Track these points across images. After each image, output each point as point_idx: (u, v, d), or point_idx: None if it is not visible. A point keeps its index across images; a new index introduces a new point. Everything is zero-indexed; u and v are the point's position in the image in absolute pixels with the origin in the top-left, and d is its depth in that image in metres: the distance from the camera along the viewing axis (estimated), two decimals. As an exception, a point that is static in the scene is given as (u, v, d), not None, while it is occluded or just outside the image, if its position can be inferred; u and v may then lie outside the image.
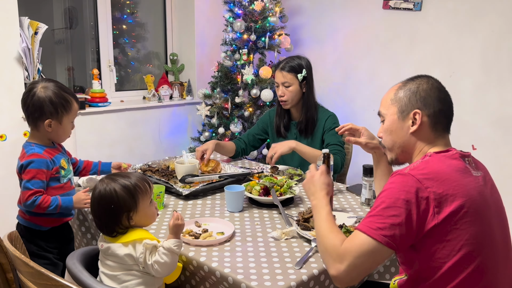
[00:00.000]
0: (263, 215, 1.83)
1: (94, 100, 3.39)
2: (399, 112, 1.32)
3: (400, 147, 1.35)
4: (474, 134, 3.02)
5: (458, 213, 1.14)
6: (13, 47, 2.82)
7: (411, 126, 1.30)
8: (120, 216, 1.42)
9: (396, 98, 1.34)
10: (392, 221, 1.14)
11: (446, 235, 1.15)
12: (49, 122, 1.73)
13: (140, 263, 1.39)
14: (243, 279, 1.32)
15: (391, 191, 1.17)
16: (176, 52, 4.06)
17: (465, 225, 1.15)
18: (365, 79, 3.57)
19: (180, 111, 3.93)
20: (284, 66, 2.43)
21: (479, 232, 1.17)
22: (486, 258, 1.18)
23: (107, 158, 3.43)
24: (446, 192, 1.15)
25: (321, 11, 3.80)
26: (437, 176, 1.16)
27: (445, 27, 3.09)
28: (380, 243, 1.14)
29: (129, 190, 1.42)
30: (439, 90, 1.31)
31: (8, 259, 1.40)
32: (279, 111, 2.56)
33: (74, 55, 3.68)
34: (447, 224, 1.14)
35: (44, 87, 1.73)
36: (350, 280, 1.19)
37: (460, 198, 1.15)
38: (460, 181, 1.18)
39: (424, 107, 1.29)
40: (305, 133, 2.49)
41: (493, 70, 2.92)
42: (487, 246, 1.19)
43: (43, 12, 3.49)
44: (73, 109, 1.78)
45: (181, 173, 2.12)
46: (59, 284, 1.17)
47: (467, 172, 1.23)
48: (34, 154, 1.71)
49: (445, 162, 1.22)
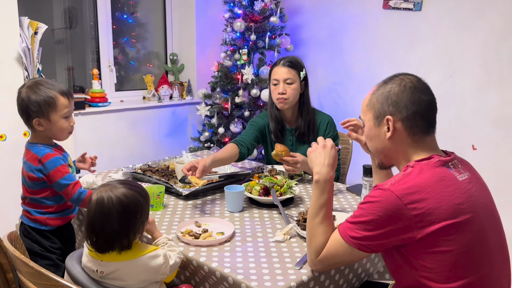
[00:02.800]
0: (263, 215, 1.83)
1: (94, 100, 3.39)
2: (374, 118, 1.30)
3: (382, 152, 1.33)
4: (474, 134, 3.02)
5: (444, 227, 1.12)
6: (13, 47, 2.81)
7: (386, 132, 1.27)
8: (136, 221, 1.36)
9: (370, 104, 1.31)
10: (369, 234, 1.18)
11: (433, 246, 1.13)
12: (37, 121, 1.72)
13: (165, 272, 1.38)
14: (243, 279, 1.32)
15: (370, 206, 1.18)
16: (176, 52, 4.06)
17: (454, 235, 1.13)
18: (365, 79, 3.57)
19: (180, 111, 3.93)
20: (287, 62, 2.29)
21: (470, 240, 1.14)
22: (480, 265, 1.16)
23: (107, 158, 3.44)
24: (429, 206, 1.12)
25: (321, 11, 3.80)
26: (418, 190, 1.14)
27: (445, 27, 3.09)
28: (356, 249, 1.22)
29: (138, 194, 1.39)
30: (413, 90, 1.24)
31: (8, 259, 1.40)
32: (273, 114, 2.36)
33: (74, 55, 3.68)
34: (432, 237, 1.12)
35: (28, 87, 1.72)
36: (322, 270, 1.36)
37: (445, 211, 1.12)
38: (443, 193, 1.14)
39: (396, 112, 1.24)
40: (304, 139, 2.34)
41: (493, 70, 2.92)
42: (480, 253, 1.16)
43: (43, 12, 3.49)
44: (60, 104, 1.72)
45: (181, 173, 2.12)
46: (59, 284, 1.17)
47: (451, 179, 1.18)
48: (49, 154, 1.72)
49: (427, 172, 1.18)
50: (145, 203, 1.39)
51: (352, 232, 1.21)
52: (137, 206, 1.35)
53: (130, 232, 1.34)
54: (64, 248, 1.85)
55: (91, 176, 2.13)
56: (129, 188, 1.37)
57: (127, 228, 1.33)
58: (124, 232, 1.33)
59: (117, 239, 1.32)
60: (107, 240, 1.32)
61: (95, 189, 1.39)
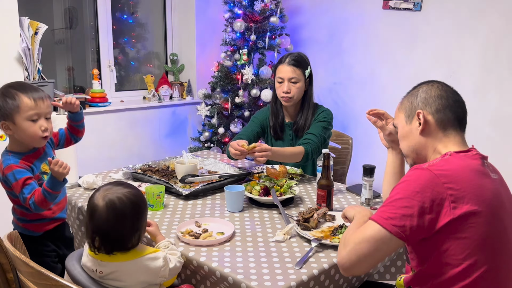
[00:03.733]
0: (263, 215, 1.83)
1: (94, 100, 3.39)
2: (406, 117, 1.38)
3: (414, 150, 1.37)
4: (474, 134, 3.00)
5: (474, 212, 1.14)
6: (13, 47, 2.81)
7: (418, 127, 1.33)
8: (145, 217, 1.39)
9: (402, 106, 1.40)
10: (404, 212, 1.14)
11: (461, 232, 1.14)
12: (4, 124, 1.62)
13: (164, 275, 1.37)
14: (243, 279, 1.32)
15: (406, 184, 1.19)
16: (176, 52, 4.07)
17: (480, 225, 1.15)
18: (365, 79, 3.57)
19: (180, 111, 3.93)
20: (291, 61, 2.28)
21: (494, 233, 1.17)
22: (501, 259, 1.18)
23: (107, 158, 3.44)
24: (464, 190, 1.15)
25: (321, 11, 3.80)
26: (455, 174, 1.17)
27: (445, 27, 3.09)
28: (390, 232, 1.14)
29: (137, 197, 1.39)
30: (440, 89, 1.34)
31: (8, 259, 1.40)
32: (274, 110, 2.42)
33: (74, 55, 3.68)
34: (462, 221, 1.14)
35: None
36: (350, 265, 1.19)
37: (477, 198, 1.15)
38: (478, 182, 1.18)
39: (425, 106, 1.32)
40: (301, 133, 2.37)
41: (493, 70, 2.92)
42: (501, 247, 1.19)
43: (43, 12, 3.49)
44: (23, 105, 1.60)
45: (181, 173, 2.12)
46: (59, 284, 1.17)
47: (485, 173, 1.23)
48: (11, 166, 1.62)
49: (465, 161, 1.23)
50: (145, 199, 1.44)
51: (385, 214, 1.16)
52: (144, 202, 1.40)
53: (142, 228, 1.38)
54: (59, 249, 1.82)
55: (91, 176, 2.14)
56: (130, 187, 1.39)
57: (139, 225, 1.37)
58: (137, 229, 1.36)
59: (131, 238, 1.34)
60: (121, 241, 1.33)
61: (94, 195, 1.35)
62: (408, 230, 1.14)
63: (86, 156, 3.27)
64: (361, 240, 1.17)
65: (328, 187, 1.83)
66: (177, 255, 1.44)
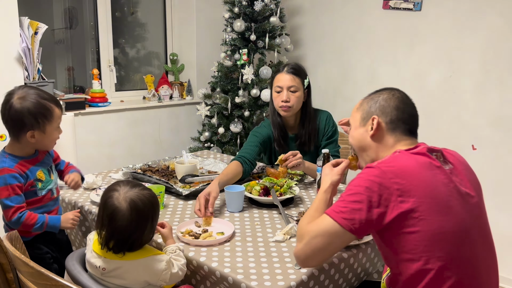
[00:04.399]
0: (263, 215, 1.83)
1: (94, 100, 3.39)
2: (361, 119, 1.44)
3: (364, 151, 1.43)
4: (474, 134, 3.02)
5: (422, 204, 1.18)
6: (13, 47, 2.81)
7: (370, 131, 1.39)
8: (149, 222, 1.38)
9: (361, 108, 1.46)
10: (353, 206, 1.21)
11: (412, 226, 1.18)
12: (32, 134, 1.64)
13: (165, 279, 1.37)
14: (243, 279, 1.33)
15: (357, 181, 1.25)
16: (176, 52, 4.06)
17: (431, 216, 1.18)
18: (365, 79, 3.57)
19: (180, 111, 3.93)
20: (290, 69, 2.25)
21: (447, 223, 1.19)
22: (460, 249, 1.20)
23: (107, 158, 3.45)
24: (410, 184, 1.20)
25: (321, 11, 3.80)
26: (402, 170, 1.22)
27: (445, 27, 3.09)
28: (340, 225, 1.21)
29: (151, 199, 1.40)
30: (400, 100, 1.39)
31: (8, 259, 1.40)
32: (276, 122, 2.33)
33: (74, 55, 3.68)
34: (411, 215, 1.18)
35: (20, 97, 1.62)
36: (306, 258, 1.27)
37: (424, 190, 1.19)
38: (425, 175, 1.23)
39: (382, 114, 1.38)
40: (307, 148, 2.33)
41: (493, 70, 2.92)
42: (459, 237, 1.20)
43: (43, 12, 3.49)
44: (55, 116, 1.68)
45: (181, 173, 2.13)
46: (59, 284, 1.17)
47: (433, 166, 1.26)
48: (4, 169, 1.62)
49: (411, 157, 1.27)
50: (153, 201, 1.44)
51: (338, 208, 1.24)
52: (158, 202, 1.44)
53: (155, 228, 1.43)
54: (56, 250, 1.81)
55: (91, 176, 2.14)
56: (145, 188, 1.42)
57: (155, 225, 1.42)
58: (154, 230, 1.41)
59: (147, 238, 1.39)
60: (138, 241, 1.36)
61: (113, 195, 1.35)
62: (357, 223, 1.20)
63: (86, 156, 3.27)
64: (316, 234, 1.24)
65: (328, 187, 1.83)
66: (181, 262, 1.42)
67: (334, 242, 1.24)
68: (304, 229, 1.28)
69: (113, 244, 1.34)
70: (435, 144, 1.41)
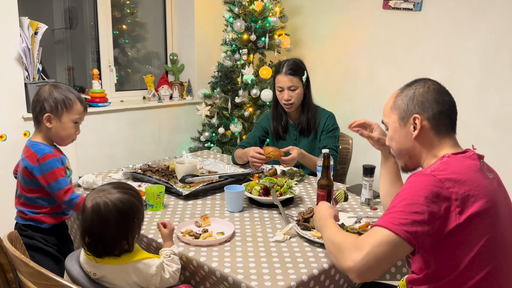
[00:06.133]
0: (263, 215, 1.83)
1: (94, 100, 3.39)
2: (400, 119, 1.33)
3: (406, 153, 1.35)
4: (474, 134, 3.02)
5: (480, 214, 1.13)
6: (13, 47, 2.82)
7: (413, 132, 1.30)
8: (134, 224, 1.36)
9: (395, 106, 1.35)
10: (415, 217, 1.12)
11: (466, 235, 1.13)
12: (48, 117, 1.74)
13: (155, 284, 1.36)
14: (243, 279, 1.32)
15: (413, 189, 1.16)
16: (176, 52, 4.06)
17: (485, 226, 1.14)
18: (365, 79, 3.57)
19: (180, 111, 3.93)
20: (288, 70, 2.40)
21: (496, 234, 1.17)
22: (501, 261, 1.18)
23: (107, 158, 3.44)
24: (468, 192, 1.14)
25: (321, 11, 3.80)
26: (458, 177, 1.16)
27: (445, 27, 3.09)
28: (402, 238, 1.11)
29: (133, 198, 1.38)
30: (437, 91, 1.30)
31: (8, 259, 1.40)
32: (275, 114, 2.55)
33: (74, 55, 3.68)
34: (468, 225, 1.13)
35: (52, 85, 1.79)
36: (368, 269, 1.12)
37: (482, 199, 1.15)
38: (481, 182, 1.18)
39: (423, 111, 1.29)
40: (305, 133, 2.50)
41: (493, 70, 2.92)
42: (502, 248, 1.19)
43: (43, 12, 3.49)
44: (75, 109, 1.79)
45: (181, 173, 2.13)
46: (59, 284, 1.17)
47: (484, 173, 1.22)
48: (48, 155, 1.73)
49: (464, 162, 1.21)
50: (140, 205, 1.40)
51: (396, 219, 1.13)
52: (133, 209, 1.36)
53: (129, 235, 1.35)
54: (60, 245, 1.86)
55: (91, 176, 2.14)
56: (124, 192, 1.36)
57: (126, 232, 1.34)
58: (124, 236, 1.33)
59: (117, 244, 1.33)
60: (106, 246, 1.32)
61: (88, 195, 1.37)
62: (420, 237, 1.12)
63: (86, 156, 3.27)
64: (379, 244, 1.12)
65: (328, 187, 1.83)
66: (174, 268, 1.40)
67: (397, 254, 1.13)
68: (358, 241, 1.16)
69: (88, 243, 1.33)
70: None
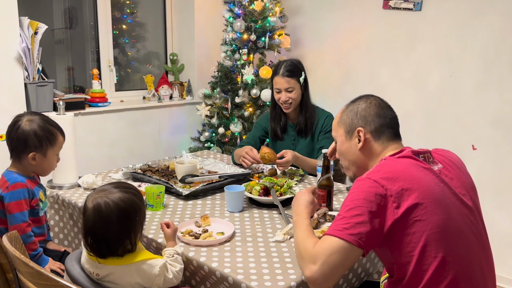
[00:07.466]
0: (263, 215, 1.83)
1: (94, 100, 3.39)
2: (346, 132, 1.45)
3: (354, 164, 1.45)
4: (474, 134, 3.02)
5: (416, 206, 1.19)
6: (13, 47, 2.81)
7: (358, 144, 1.41)
8: (136, 224, 1.36)
9: (341, 121, 1.47)
10: (356, 220, 1.19)
11: (409, 228, 1.18)
12: (33, 155, 1.71)
13: (158, 284, 1.36)
14: (243, 279, 1.32)
15: (352, 195, 1.24)
16: (176, 52, 4.06)
17: (426, 216, 1.19)
18: (365, 79, 3.57)
19: (180, 111, 3.93)
20: (285, 72, 2.41)
21: (441, 221, 1.19)
22: (454, 248, 1.20)
23: (107, 158, 3.44)
24: (402, 187, 1.20)
25: (321, 11, 3.80)
26: (391, 175, 1.23)
27: (445, 27, 3.09)
28: (349, 242, 1.18)
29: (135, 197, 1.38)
30: (378, 106, 1.42)
31: (8, 259, 1.40)
32: (273, 115, 2.56)
33: (74, 55, 3.68)
34: (407, 217, 1.18)
35: (29, 120, 1.72)
36: (324, 279, 1.19)
37: (416, 191, 1.20)
38: (415, 175, 1.23)
39: (366, 125, 1.40)
40: (304, 134, 2.51)
41: (493, 70, 2.92)
42: (453, 236, 1.21)
43: (43, 12, 3.49)
44: (58, 142, 1.78)
45: (181, 173, 2.12)
46: (59, 284, 1.17)
47: (419, 167, 1.27)
48: (18, 184, 1.68)
49: (398, 161, 1.29)
50: (141, 204, 1.40)
51: (340, 226, 1.21)
52: (135, 208, 1.36)
53: (132, 234, 1.35)
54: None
55: (91, 176, 2.13)
56: (124, 191, 1.36)
57: (128, 231, 1.34)
58: (126, 236, 1.34)
59: (120, 244, 1.33)
60: (109, 246, 1.33)
61: (89, 195, 1.37)
62: (364, 237, 1.18)
63: (86, 156, 3.27)
64: (331, 252, 1.18)
65: (328, 187, 1.83)
66: (177, 268, 1.40)
67: (349, 259, 1.19)
68: (313, 251, 1.22)
69: (90, 243, 1.33)
70: (435, 144, 1.41)
